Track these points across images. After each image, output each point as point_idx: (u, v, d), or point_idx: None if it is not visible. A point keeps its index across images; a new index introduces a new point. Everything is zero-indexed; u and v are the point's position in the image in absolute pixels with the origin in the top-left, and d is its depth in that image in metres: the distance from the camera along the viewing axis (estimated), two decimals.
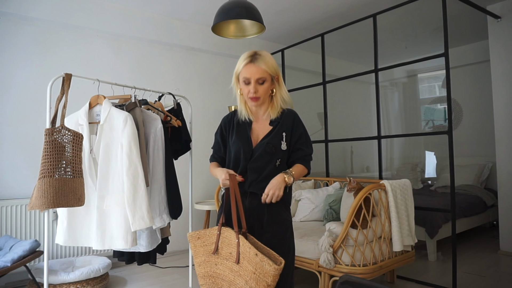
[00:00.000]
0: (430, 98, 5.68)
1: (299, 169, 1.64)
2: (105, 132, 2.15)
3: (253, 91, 1.58)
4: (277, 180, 1.55)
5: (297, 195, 3.46)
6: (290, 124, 1.67)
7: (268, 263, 1.40)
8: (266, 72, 1.58)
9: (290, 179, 1.56)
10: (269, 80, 1.61)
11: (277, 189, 1.54)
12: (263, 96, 1.62)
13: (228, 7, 2.34)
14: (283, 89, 1.68)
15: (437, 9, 2.96)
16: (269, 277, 1.41)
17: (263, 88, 1.60)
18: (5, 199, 3.05)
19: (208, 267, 1.57)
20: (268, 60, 1.59)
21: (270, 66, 1.58)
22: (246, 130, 1.67)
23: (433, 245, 3.57)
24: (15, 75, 3.20)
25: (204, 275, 1.59)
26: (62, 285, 2.75)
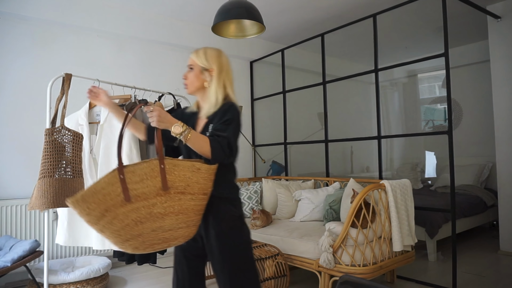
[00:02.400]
0: (430, 98, 5.68)
1: (201, 138, 1.44)
2: (105, 132, 2.16)
3: (183, 77, 1.67)
4: (167, 116, 1.42)
5: (297, 195, 3.46)
6: (220, 113, 1.58)
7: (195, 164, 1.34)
8: (193, 61, 1.65)
9: (178, 129, 1.39)
10: (197, 69, 1.64)
11: (160, 116, 1.38)
12: (189, 83, 1.66)
13: (228, 7, 2.34)
14: (218, 85, 1.62)
15: (437, 9, 2.96)
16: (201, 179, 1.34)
17: (190, 75, 1.66)
18: (5, 199, 3.05)
19: (120, 222, 1.28)
20: (201, 52, 1.66)
21: (200, 56, 1.64)
22: (193, 124, 1.69)
23: (433, 245, 3.57)
24: (14, 75, 3.19)
25: (121, 235, 1.29)
26: (62, 285, 2.75)
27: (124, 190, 1.28)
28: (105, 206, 1.26)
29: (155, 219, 1.30)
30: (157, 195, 1.31)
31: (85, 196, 1.24)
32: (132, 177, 1.29)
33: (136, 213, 1.29)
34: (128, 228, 1.28)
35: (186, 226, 1.37)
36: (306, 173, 4.82)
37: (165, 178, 1.32)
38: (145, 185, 1.30)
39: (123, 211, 1.28)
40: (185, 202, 1.35)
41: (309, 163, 4.95)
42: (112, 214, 1.27)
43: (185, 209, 1.35)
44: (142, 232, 1.30)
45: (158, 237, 1.32)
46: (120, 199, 1.27)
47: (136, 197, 1.29)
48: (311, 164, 4.86)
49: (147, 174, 1.31)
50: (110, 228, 1.27)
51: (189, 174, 1.35)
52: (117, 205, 1.27)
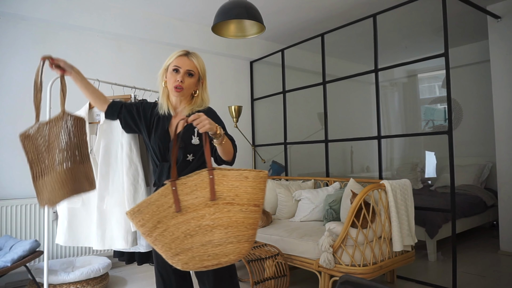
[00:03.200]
0: (430, 98, 5.68)
1: (228, 142, 1.52)
2: (105, 132, 2.15)
3: (180, 79, 1.60)
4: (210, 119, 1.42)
5: (297, 195, 3.46)
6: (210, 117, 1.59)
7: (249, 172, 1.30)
8: (196, 68, 1.63)
9: (221, 131, 1.44)
10: (197, 77, 1.64)
11: (208, 120, 1.36)
12: (187, 88, 1.62)
13: (228, 7, 2.34)
14: (205, 93, 1.70)
15: (437, 9, 2.96)
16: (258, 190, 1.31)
17: (190, 81, 1.62)
18: (5, 199, 3.05)
19: (170, 234, 1.30)
20: (200, 60, 1.66)
21: (201, 66, 1.64)
22: (164, 126, 1.68)
23: (433, 245, 3.57)
24: (14, 75, 3.19)
25: (171, 248, 1.30)
26: (62, 285, 2.75)
27: (175, 201, 1.31)
28: (158, 218, 1.30)
29: (204, 232, 1.30)
30: (206, 206, 1.31)
31: (141, 208, 1.30)
32: (184, 189, 1.32)
33: (186, 225, 1.30)
34: (178, 241, 1.30)
35: (237, 241, 1.31)
36: (306, 173, 4.82)
37: (213, 188, 1.31)
38: (194, 196, 1.31)
39: (174, 223, 1.30)
40: (234, 214, 1.31)
41: (309, 163, 4.95)
42: (163, 226, 1.30)
43: (235, 222, 1.31)
44: (191, 246, 1.30)
45: (207, 253, 1.30)
46: (172, 210, 1.31)
47: (186, 208, 1.31)
48: (311, 164, 4.86)
49: (197, 185, 1.32)
50: (162, 241, 1.30)
51: (237, 183, 1.32)
52: (169, 217, 1.31)
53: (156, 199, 1.31)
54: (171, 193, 1.31)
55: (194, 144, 1.61)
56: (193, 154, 1.61)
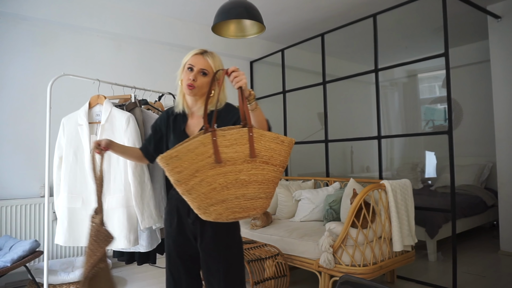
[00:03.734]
0: (430, 98, 5.68)
1: (260, 110, 1.50)
2: (107, 132, 2.16)
3: (192, 78, 1.57)
4: None
5: (297, 195, 3.46)
6: (224, 117, 1.60)
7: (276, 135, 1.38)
8: (210, 67, 1.59)
9: (253, 94, 1.45)
10: (210, 76, 1.59)
11: (244, 75, 1.41)
12: (199, 88, 1.58)
13: (228, 7, 2.34)
14: (222, 93, 1.63)
15: (437, 9, 2.96)
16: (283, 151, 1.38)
17: (202, 80, 1.58)
18: (5, 199, 3.05)
19: (207, 184, 1.31)
20: (217, 60, 1.62)
21: (216, 65, 1.60)
22: (180, 126, 1.66)
23: (433, 245, 3.57)
24: (14, 75, 3.19)
25: (207, 198, 1.31)
26: (62, 285, 2.75)
27: (216, 152, 1.30)
28: (197, 166, 1.29)
29: (240, 186, 1.34)
30: (244, 161, 1.34)
31: (180, 154, 1.27)
32: (223, 141, 1.32)
33: (223, 177, 1.31)
34: (215, 192, 1.31)
35: (265, 197, 1.40)
36: (306, 173, 4.82)
37: (253, 146, 1.35)
38: (234, 150, 1.33)
39: (212, 174, 1.30)
40: (268, 173, 1.38)
41: (309, 163, 4.95)
42: (201, 176, 1.29)
43: (267, 180, 1.39)
44: (226, 198, 1.33)
45: (240, 205, 1.36)
46: (211, 160, 1.30)
47: (226, 161, 1.32)
48: (311, 164, 4.86)
49: (236, 140, 1.34)
50: (198, 190, 1.29)
51: (274, 146, 1.39)
52: (207, 167, 1.30)
53: (195, 147, 1.29)
54: (211, 143, 1.31)
55: None
56: None
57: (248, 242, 2.88)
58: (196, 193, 1.30)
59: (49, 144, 2.27)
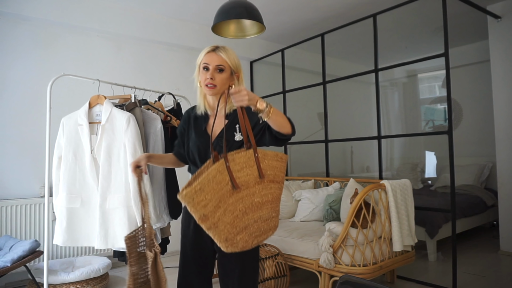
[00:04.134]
0: (430, 98, 5.67)
1: (279, 111, 1.43)
2: (107, 132, 2.16)
3: (209, 77, 1.54)
4: (253, 94, 1.39)
5: (297, 195, 3.46)
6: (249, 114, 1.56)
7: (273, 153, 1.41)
8: (226, 62, 1.55)
9: (262, 104, 1.35)
10: (228, 71, 1.57)
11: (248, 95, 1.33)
12: (219, 85, 1.55)
13: (228, 7, 2.34)
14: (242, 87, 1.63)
15: (437, 9, 2.95)
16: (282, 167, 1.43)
17: (221, 77, 1.55)
18: (5, 199, 3.05)
19: (230, 213, 1.28)
20: (230, 53, 1.58)
21: (231, 59, 1.57)
22: (202, 126, 1.64)
23: (433, 245, 3.57)
24: (15, 75, 3.19)
25: (233, 227, 1.28)
26: (62, 285, 2.75)
27: (232, 178, 1.30)
28: (219, 196, 1.26)
29: (256, 209, 1.35)
30: (256, 183, 1.35)
31: (202, 185, 1.22)
32: (234, 165, 1.32)
33: (241, 203, 1.31)
34: (237, 220, 1.30)
35: (276, 215, 1.41)
36: (306, 173, 4.81)
37: (260, 167, 1.36)
38: (245, 174, 1.33)
39: (232, 201, 1.30)
40: (275, 191, 1.41)
41: (309, 163, 4.95)
42: (224, 205, 1.27)
43: (276, 198, 1.42)
44: (248, 224, 1.33)
45: (260, 228, 1.36)
46: (229, 187, 1.29)
47: (241, 185, 1.32)
48: (311, 164, 4.86)
49: (245, 163, 1.34)
50: (224, 221, 1.26)
51: (275, 163, 1.41)
52: (227, 195, 1.28)
53: (214, 176, 1.25)
54: (226, 169, 1.29)
55: (238, 141, 1.55)
56: None
57: None
58: (223, 225, 1.27)
59: (49, 144, 2.27)
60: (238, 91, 1.34)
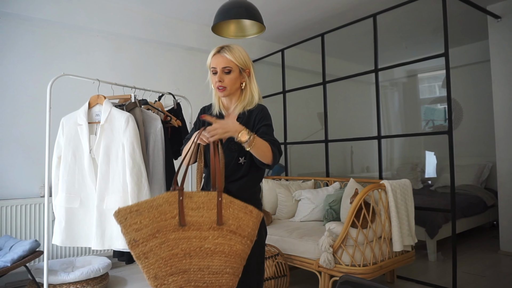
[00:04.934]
0: (430, 98, 5.68)
1: (263, 143, 1.44)
2: (106, 132, 2.15)
3: (218, 79, 1.56)
4: (232, 124, 1.41)
5: (297, 195, 3.46)
6: (254, 117, 1.59)
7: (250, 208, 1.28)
8: (232, 62, 1.56)
9: (245, 136, 1.36)
10: (236, 71, 1.58)
11: (221, 129, 1.36)
12: (229, 86, 1.57)
13: (228, 7, 2.34)
14: (253, 84, 1.64)
15: (437, 9, 2.95)
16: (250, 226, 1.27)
17: (229, 78, 1.56)
18: (5, 199, 3.05)
19: (168, 248, 1.17)
20: (236, 51, 1.58)
21: (237, 57, 1.57)
22: None
23: (433, 245, 3.57)
24: (15, 75, 3.19)
25: (167, 265, 1.17)
26: (62, 285, 2.75)
27: (181, 212, 1.20)
28: (158, 226, 1.16)
29: (204, 256, 1.22)
30: (211, 228, 1.23)
31: (141, 208, 1.15)
32: (189, 202, 1.23)
33: (187, 243, 1.20)
34: (176, 258, 1.18)
35: (232, 272, 1.26)
36: (306, 173, 4.81)
37: (221, 212, 1.25)
38: (200, 214, 1.23)
39: (174, 237, 1.18)
40: (235, 244, 1.27)
41: (309, 163, 4.95)
42: (163, 237, 1.16)
43: (234, 252, 1.26)
44: (188, 268, 1.20)
45: (204, 279, 1.22)
46: (175, 222, 1.19)
47: (191, 224, 1.21)
48: (311, 164, 4.86)
49: (204, 204, 1.25)
50: (158, 254, 1.15)
51: (242, 215, 1.29)
52: (170, 228, 1.18)
53: (159, 204, 1.18)
54: (177, 202, 1.21)
55: None
56: (245, 157, 1.55)
57: None
58: (155, 258, 1.15)
59: (49, 144, 2.27)
60: (212, 128, 1.35)
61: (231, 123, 1.43)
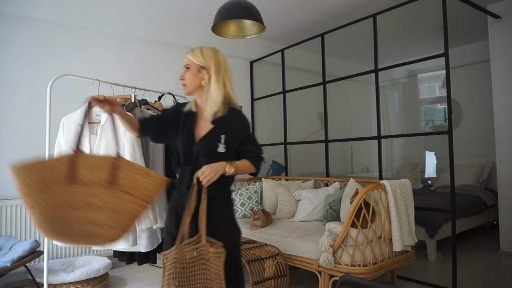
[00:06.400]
0: (430, 98, 5.68)
1: (245, 164, 1.64)
2: (106, 132, 2.16)
3: (180, 78, 1.67)
4: (218, 165, 1.55)
5: (297, 195, 3.46)
6: (232, 128, 1.64)
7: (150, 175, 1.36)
8: (190, 60, 1.66)
9: (231, 169, 1.56)
10: (194, 68, 1.64)
11: (212, 172, 1.52)
12: (188, 83, 1.65)
13: (228, 7, 2.34)
14: (217, 83, 1.64)
15: (437, 9, 2.96)
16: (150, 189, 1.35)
17: (187, 74, 1.65)
18: (5, 199, 3.05)
19: (51, 199, 1.26)
20: (197, 50, 1.66)
21: (195, 55, 1.65)
22: (190, 125, 1.68)
23: (433, 245, 3.57)
24: (14, 75, 3.19)
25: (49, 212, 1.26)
26: (62, 285, 2.75)
27: (71, 170, 1.28)
28: (46, 180, 1.25)
29: (88, 209, 1.29)
30: (100, 186, 1.31)
31: (31, 167, 1.24)
32: (84, 162, 1.31)
33: (73, 196, 1.27)
34: (58, 208, 1.26)
35: (118, 227, 1.33)
36: (306, 173, 4.81)
37: (114, 172, 1.33)
38: (93, 174, 1.31)
39: (62, 191, 1.27)
40: (125, 203, 1.34)
41: (309, 163, 4.95)
42: (50, 191, 1.25)
43: (123, 210, 1.33)
44: (70, 219, 1.27)
45: (83, 229, 1.29)
46: (62, 177, 1.27)
47: (80, 180, 1.29)
48: (311, 164, 4.86)
49: (98, 164, 1.33)
50: (41, 203, 1.24)
51: (139, 177, 1.37)
52: (58, 183, 1.26)
53: (52, 164, 1.27)
54: (69, 161, 1.29)
55: (220, 152, 1.60)
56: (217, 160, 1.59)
57: (248, 242, 2.88)
58: (39, 207, 1.24)
59: (49, 144, 2.27)
60: (201, 174, 1.51)
61: (216, 164, 1.55)
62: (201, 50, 1.66)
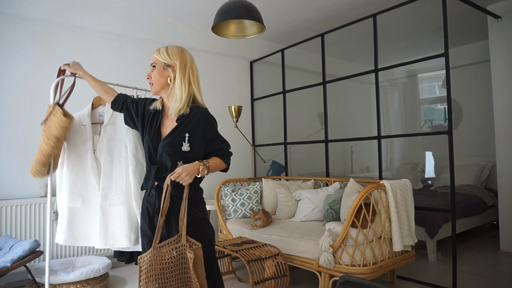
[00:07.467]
0: (430, 98, 5.68)
1: (216, 162, 1.67)
2: (109, 132, 2.17)
3: (147, 77, 1.69)
4: (192, 166, 1.55)
5: (297, 195, 3.46)
6: (197, 127, 1.63)
7: None
8: (155, 58, 1.68)
9: (205, 170, 1.57)
10: (159, 66, 1.65)
11: (187, 176, 1.53)
12: (154, 82, 1.67)
13: (228, 7, 2.34)
14: (182, 81, 1.64)
15: (437, 9, 2.96)
16: None
17: (153, 73, 1.67)
18: (5, 199, 3.05)
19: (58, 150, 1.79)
20: (163, 49, 1.67)
21: (161, 53, 1.66)
22: (156, 124, 1.70)
23: (433, 245, 3.57)
24: (14, 75, 3.19)
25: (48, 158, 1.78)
26: (62, 285, 2.75)
27: None
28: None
29: None
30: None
31: None
32: None
33: None
34: None
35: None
36: (306, 173, 4.82)
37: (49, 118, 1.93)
38: None
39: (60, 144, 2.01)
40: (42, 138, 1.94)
41: (309, 163, 4.95)
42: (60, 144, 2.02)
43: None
44: None
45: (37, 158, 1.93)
46: None
47: None
48: (311, 164, 4.86)
49: None
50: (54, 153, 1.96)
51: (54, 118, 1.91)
52: None
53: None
54: None
55: (184, 151, 1.60)
56: (183, 161, 1.61)
57: (248, 242, 2.88)
58: (51, 153, 2.01)
59: None
60: (177, 177, 1.51)
61: (189, 165, 1.56)
62: (166, 49, 1.67)
